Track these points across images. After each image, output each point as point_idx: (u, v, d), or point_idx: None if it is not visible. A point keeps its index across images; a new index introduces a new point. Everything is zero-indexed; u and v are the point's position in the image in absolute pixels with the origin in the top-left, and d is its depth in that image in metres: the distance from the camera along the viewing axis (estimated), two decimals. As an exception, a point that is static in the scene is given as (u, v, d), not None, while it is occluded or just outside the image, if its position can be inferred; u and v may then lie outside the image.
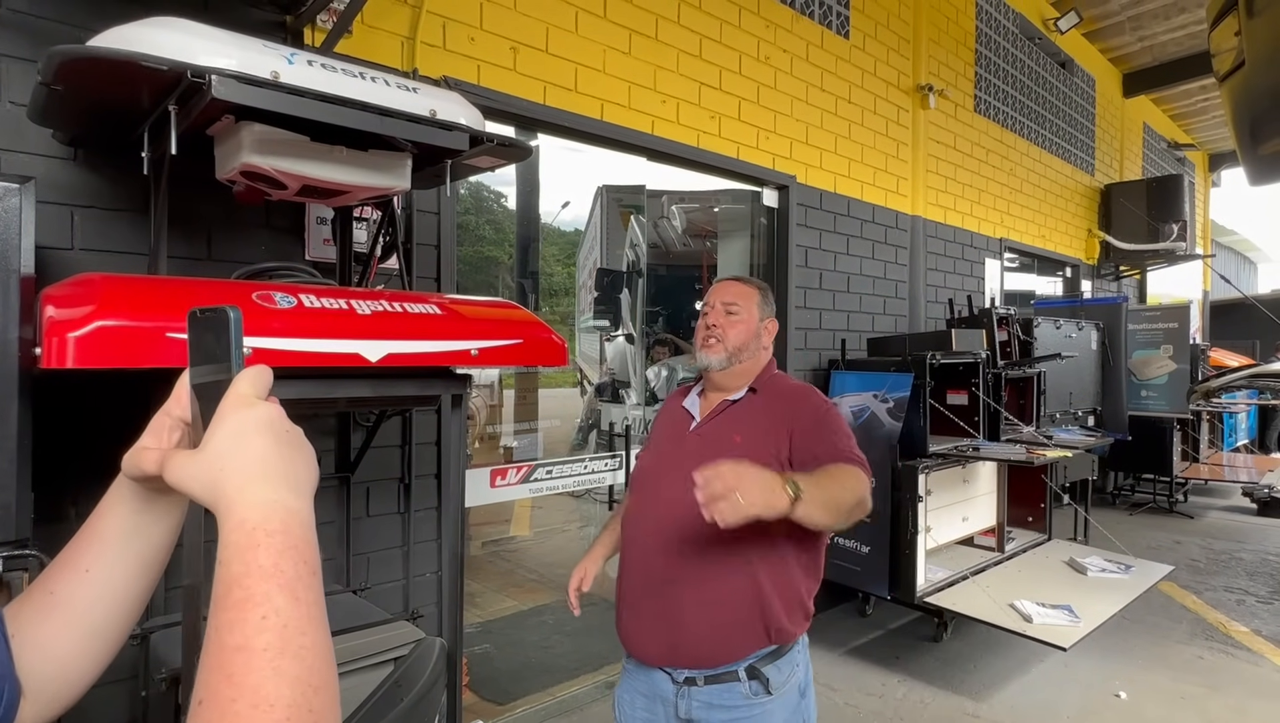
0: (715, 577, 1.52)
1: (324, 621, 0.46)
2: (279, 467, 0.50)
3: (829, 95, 4.33)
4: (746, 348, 1.69)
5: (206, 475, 0.49)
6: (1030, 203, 6.47)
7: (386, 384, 1.58)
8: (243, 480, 0.48)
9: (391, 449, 2.53)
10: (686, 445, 1.65)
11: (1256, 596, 4.78)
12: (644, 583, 1.59)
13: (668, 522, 1.56)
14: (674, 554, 1.54)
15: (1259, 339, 10.01)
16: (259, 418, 0.51)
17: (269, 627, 0.42)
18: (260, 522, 0.46)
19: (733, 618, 1.53)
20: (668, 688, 1.57)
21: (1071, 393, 5.15)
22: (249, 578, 0.44)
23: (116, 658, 1.90)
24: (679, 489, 1.52)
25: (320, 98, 1.46)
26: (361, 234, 2.35)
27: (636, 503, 1.69)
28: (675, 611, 1.54)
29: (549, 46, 2.95)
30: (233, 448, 0.49)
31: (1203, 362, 7.28)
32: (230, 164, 1.58)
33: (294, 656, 0.42)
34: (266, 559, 0.45)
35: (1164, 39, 7.39)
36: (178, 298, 1.37)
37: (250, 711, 0.39)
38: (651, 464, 1.72)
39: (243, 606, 0.43)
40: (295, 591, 0.44)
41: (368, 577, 2.40)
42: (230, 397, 0.52)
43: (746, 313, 1.70)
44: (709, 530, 1.45)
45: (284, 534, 0.46)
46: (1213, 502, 7.62)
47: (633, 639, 1.61)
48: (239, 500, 0.47)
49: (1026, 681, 3.52)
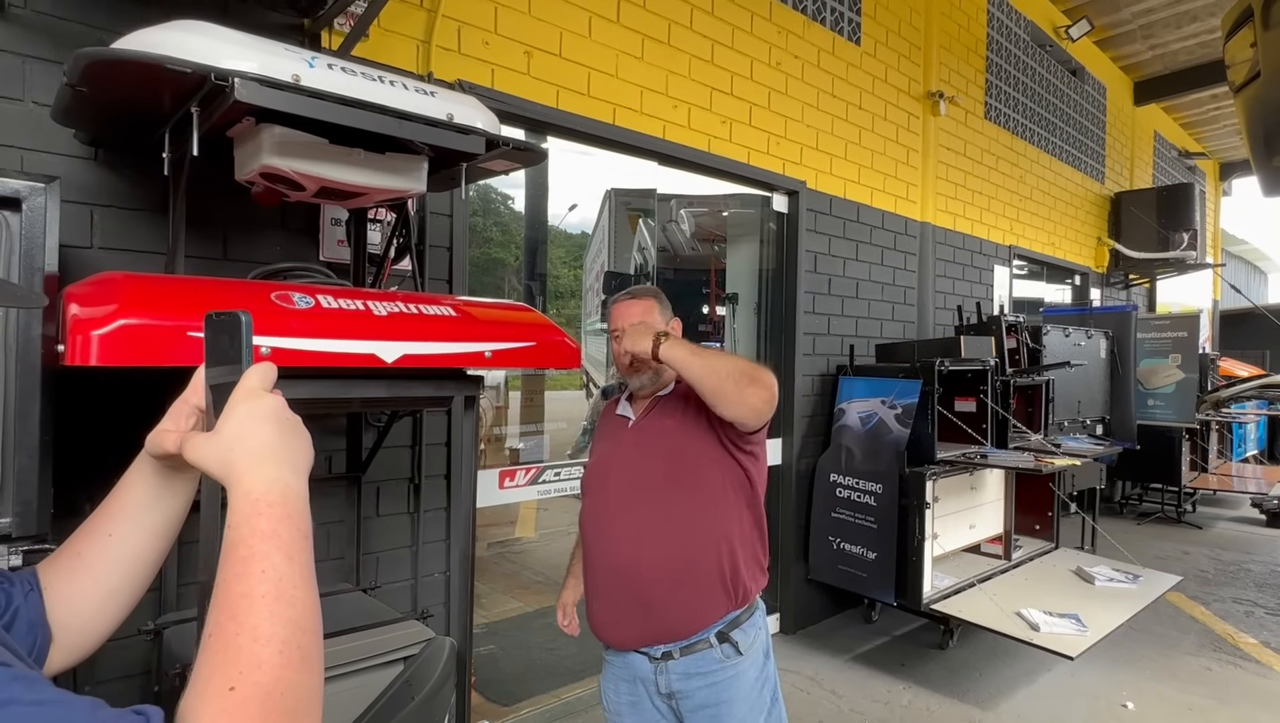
0: (675, 552, 1.63)
1: (312, 578, 0.55)
2: (281, 449, 0.59)
3: (840, 101, 4.34)
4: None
5: (220, 454, 0.58)
6: (1040, 210, 6.46)
7: (401, 385, 1.60)
8: (250, 460, 0.57)
9: (402, 450, 2.54)
10: (625, 442, 1.78)
11: (1266, 607, 4.75)
12: (611, 573, 1.68)
13: (623, 512, 1.69)
14: (634, 540, 1.65)
15: (1269, 349, 9.95)
16: (265, 408, 0.60)
17: (267, 578, 0.52)
18: (263, 494, 0.56)
19: (700, 588, 1.64)
20: (645, 667, 1.68)
21: (1080, 401, 5.14)
22: (253, 539, 0.53)
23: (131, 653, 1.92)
24: (633, 479, 1.71)
25: (340, 101, 1.48)
26: (375, 236, 2.37)
27: (590, 503, 1.79)
28: (644, 591, 1.64)
29: (562, 51, 2.97)
30: (243, 432, 0.58)
31: (1212, 371, 7.24)
32: (250, 166, 1.60)
33: (287, 603, 0.51)
34: (267, 525, 0.54)
35: (1175, 47, 7.37)
36: (197, 297, 1.39)
37: (250, 643, 0.49)
38: (598, 466, 1.82)
39: (247, 561, 0.52)
40: (290, 552, 0.54)
41: (377, 576, 2.41)
42: (241, 389, 0.60)
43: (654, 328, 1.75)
44: (664, 512, 1.65)
45: (283, 505, 0.56)
46: (1221, 512, 7.58)
47: (607, 628, 1.71)
48: (246, 476, 0.57)
49: (1033, 690, 3.51)
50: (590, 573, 1.76)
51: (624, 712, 1.76)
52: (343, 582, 2.29)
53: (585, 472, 1.88)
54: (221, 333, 0.62)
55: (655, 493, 1.67)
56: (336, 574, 2.30)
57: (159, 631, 1.84)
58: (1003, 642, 3.62)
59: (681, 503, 1.65)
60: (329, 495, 2.31)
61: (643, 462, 1.71)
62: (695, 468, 1.67)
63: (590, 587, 1.76)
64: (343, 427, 2.33)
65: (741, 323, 4.45)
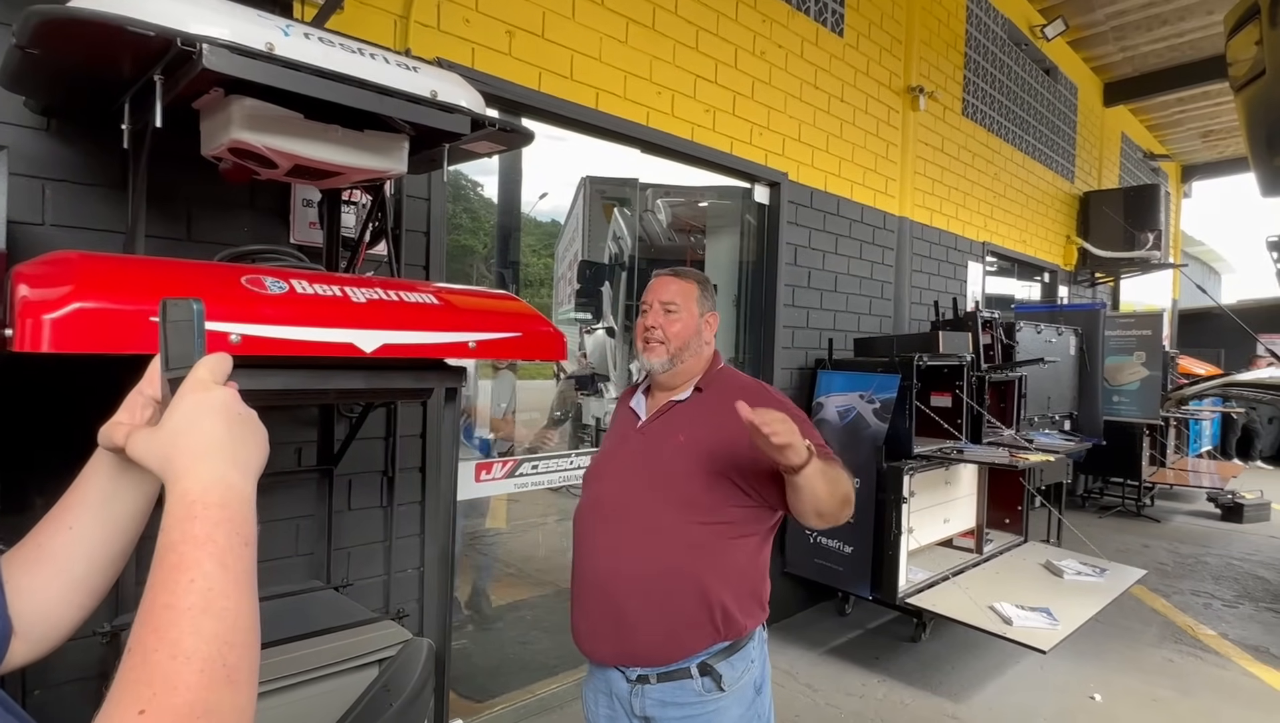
0: (660, 575, 1.50)
1: (251, 588, 0.51)
2: (227, 446, 0.55)
3: (822, 93, 4.30)
4: (688, 346, 1.64)
5: (161, 450, 0.55)
6: (1013, 207, 6.53)
7: (380, 376, 1.52)
8: (191, 457, 0.54)
9: (374, 441, 2.45)
10: (631, 445, 1.66)
11: (1223, 599, 4.89)
12: (591, 583, 1.57)
13: (609, 519, 1.58)
14: (618, 554, 1.53)
15: (1224, 348, 10.27)
16: (213, 401, 0.56)
17: (195, 588, 0.48)
18: (200, 495, 0.52)
19: (680, 616, 1.50)
20: (622, 687, 1.56)
21: (1050, 397, 5.21)
22: (184, 545, 0.49)
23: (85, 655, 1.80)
24: (622, 488, 1.59)
25: (317, 73, 1.38)
26: (349, 218, 2.27)
27: (585, 502, 1.68)
28: (621, 610, 1.51)
29: (545, 32, 2.88)
30: (186, 427, 0.55)
31: (1172, 369, 7.43)
32: (218, 140, 1.49)
33: (215, 616, 0.47)
34: (201, 530, 0.50)
35: (1145, 50, 7.50)
36: (160, 280, 1.29)
37: (168, 661, 0.45)
38: (599, 463, 1.72)
39: (175, 568, 0.48)
40: (225, 559, 0.50)
41: (349, 573, 2.32)
42: (189, 381, 0.57)
43: (686, 311, 1.65)
44: (649, 529, 1.52)
45: (221, 507, 0.52)
46: (1178, 506, 7.79)
47: (585, 640, 1.60)
48: (184, 475, 0.53)
49: (1004, 682, 3.55)
50: (573, 577, 1.65)
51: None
52: (313, 579, 2.20)
53: (588, 469, 1.77)
54: (176, 320, 0.59)
55: (645, 507, 1.54)
56: (306, 571, 2.21)
57: (115, 632, 1.74)
58: (973, 634, 3.66)
59: (665, 528, 1.51)
60: (299, 489, 2.22)
61: (642, 470, 1.58)
62: (687, 495, 1.52)
63: (574, 594, 1.64)
64: (314, 418, 2.23)
65: (720, 315, 4.41)
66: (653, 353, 1.63)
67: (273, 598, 1.98)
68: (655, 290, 1.68)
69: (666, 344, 1.62)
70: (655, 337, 1.62)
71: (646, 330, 1.64)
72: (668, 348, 1.62)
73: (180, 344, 0.59)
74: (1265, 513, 7.18)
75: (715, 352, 1.74)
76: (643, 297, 1.71)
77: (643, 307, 1.69)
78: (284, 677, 1.56)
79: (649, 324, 1.64)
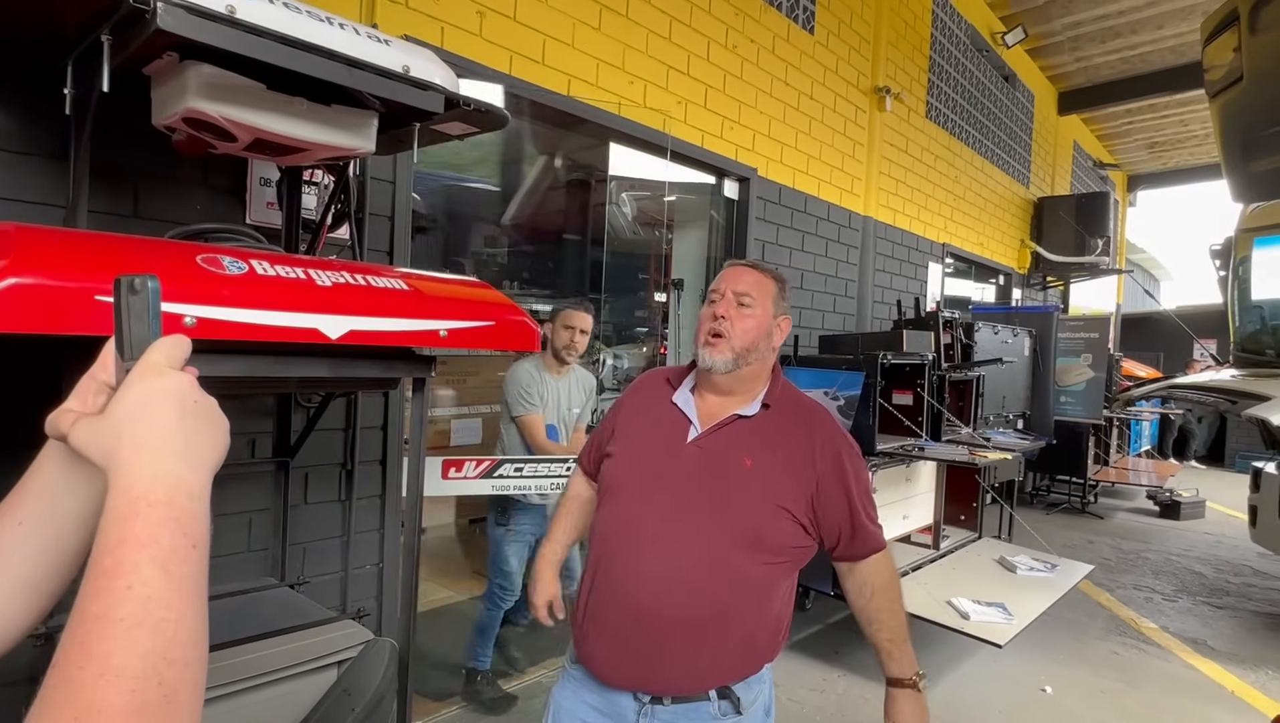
0: (711, 617, 1.36)
1: (198, 595, 0.45)
2: (178, 438, 0.50)
3: (792, 90, 4.31)
4: (756, 349, 1.44)
5: (104, 441, 0.49)
6: (971, 210, 6.66)
7: (345, 364, 1.44)
8: (136, 449, 0.48)
9: (333, 432, 2.36)
10: (684, 459, 1.43)
11: (1163, 593, 5.08)
12: (626, 611, 1.38)
13: (662, 546, 1.37)
14: (669, 588, 1.36)
15: (1163, 351, 10.71)
16: (166, 387, 0.51)
17: (131, 597, 0.42)
18: (143, 492, 0.46)
19: (721, 655, 1.40)
20: (628, 707, 1.42)
21: (1005, 397, 5.33)
22: (121, 548, 0.44)
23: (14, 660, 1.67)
24: (677, 511, 1.39)
25: (282, 40, 1.30)
26: (310, 200, 2.17)
27: (621, 514, 1.45)
28: (659, 647, 1.37)
29: (517, 14, 2.80)
30: (133, 416, 0.50)
31: (1116, 371, 7.71)
32: (171, 109, 1.40)
33: (152, 628, 0.42)
34: (143, 530, 0.45)
35: (1098, 61, 7.73)
36: (107, 256, 1.20)
37: (95, 679, 0.40)
38: (640, 475, 1.47)
39: (110, 574, 0.43)
40: (168, 564, 0.44)
41: (304, 569, 2.23)
42: (140, 365, 0.52)
43: (761, 307, 1.45)
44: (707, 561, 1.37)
45: (167, 506, 0.46)
46: (1120, 503, 8.08)
47: (604, 665, 1.43)
48: (127, 470, 0.47)
49: (959, 676, 3.62)
50: (601, 599, 1.42)
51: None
52: (266, 576, 2.10)
53: (615, 469, 1.50)
54: (131, 300, 0.54)
55: (705, 538, 1.37)
56: (260, 568, 2.11)
57: (49, 634, 1.62)
58: (929, 628, 3.71)
59: (726, 564, 1.36)
60: (252, 482, 2.12)
61: (701, 494, 1.39)
62: (754, 531, 1.37)
63: (594, 612, 1.43)
64: (270, 408, 2.13)
65: (687, 309, 4.39)
66: (716, 349, 1.43)
67: (223, 597, 1.88)
68: (729, 278, 1.49)
69: (732, 340, 1.42)
70: (723, 329, 1.43)
71: (716, 321, 1.44)
72: (733, 346, 1.42)
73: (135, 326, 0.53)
74: (1200, 511, 7.50)
75: (778, 361, 1.57)
76: (712, 285, 1.52)
77: (711, 295, 1.50)
78: (235, 681, 1.47)
79: (719, 313, 1.44)
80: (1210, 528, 7.10)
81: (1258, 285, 4.72)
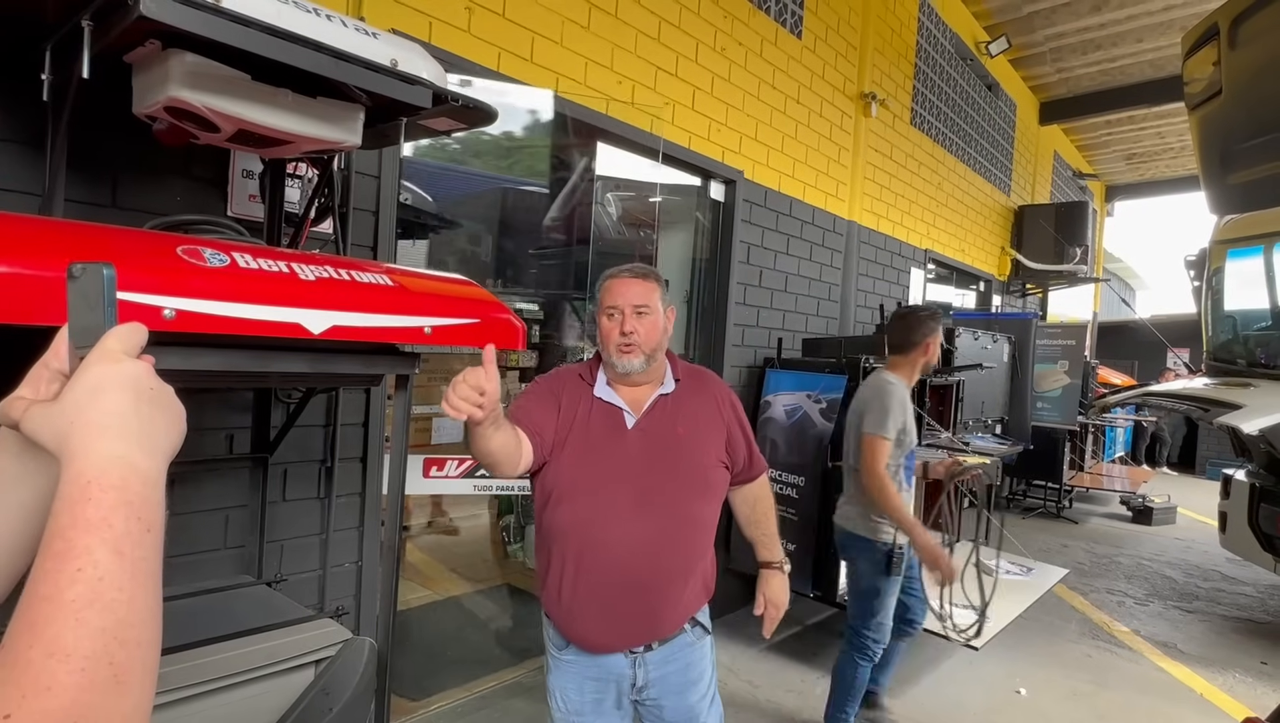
0: (683, 562, 1.67)
1: (152, 578, 0.46)
2: (132, 424, 0.50)
3: (779, 94, 4.33)
4: (662, 344, 1.71)
5: (57, 427, 0.49)
6: (954, 217, 6.73)
7: (327, 360, 1.43)
8: (89, 435, 0.48)
9: (313, 429, 2.33)
10: (629, 445, 1.66)
11: (1134, 597, 5.16)
12: (618, 584, 1.61)
13: (636, 520, 1.61)
14: (651, 552, 1.62)
15: (1138, 359, 10.89)
16: (120, 374, 0.51)
17: (82, 579, 0.42)
18: (96, 476, 0.46)
19: (694, 589, 1.71)
20: (622, 665, 1.66)
21: (984, 402, 5.39)
22: (73, 531, 0.44)
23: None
24: (641, 489, 1.63)
25: (268, 31, 1.28)
26: (293, 193, 2.14)
27: (589, 506, 1.62)
28: (654, 600, 1.63)
29: (506, 11, 2.79)
30: (87, 402, 0.49)
31: (1092, 378, 7.83)
32: (152, 98, 1.37)
33: (103, 608, 0.42)
34: (95, 513, 0.45)
35: (1079, 73, 7.84)
36: (79, 244, 1.18)
37: (44, 658, 0.40)
38: (597, 464, 1.64)
39: (61, 556, 0.43)
40: (121, 546, 0.44)
41: (282, 567, 2.20)
42: (95, 351, 0.51)
43: (654, 309, 1.67)
44: (676, 524, 1.66)
45: (119, 490, 0.46)
46: (1094, 509, 8.20)
47: (602, 636, 1.64)
48: (80, 454, 0.47)
49: (935, 677, 3.65)
50: (587, 581, 1.61)
51: (586, 711, 1.69)
52: (243, 574, 2.07)
53: (567, 467, 1.65)
54: (85, 287, 0.53)
55: (673, 500, 1.65)
56: (236, 566, 2.08)
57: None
58: (909, 631, 3.75)
59: (691, 515, 1.68)
60: (229, 478, 2.08)
61: (655, 469, 1.65)
62: (704, 481, 1.70)
63: (585, 594, 1.61)
64: (249, 403, 2.10)
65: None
66: (630, 355, 1.64)
67: (198, 594, 1.85)
68: (622, 293, 1.66)
69: (641, 346, 1.64)
70: (635, 339, 1.63)
71: (624, 335, 1.63)
72: (643, 349, 1.64)
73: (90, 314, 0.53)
74: (1172, 516, 7.63)
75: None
76: (604, 298, 1.69)
77: (608, 309, 1.67)
78: (210, 680, 1.45)
79: (626, 328, 1.63)
80: (1181, 533, 7.23)
81: (1231, 296, 4.82)
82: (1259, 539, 4.35)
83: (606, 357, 1.68)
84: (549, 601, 1.67)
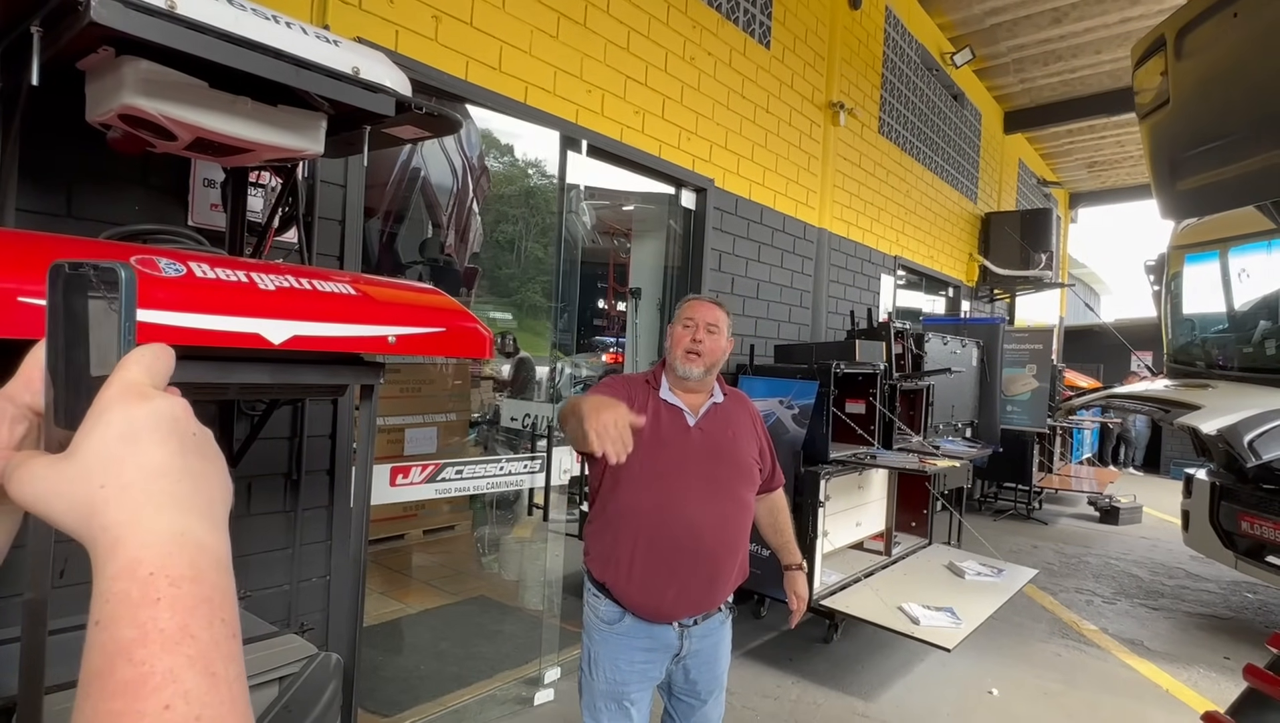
0: (739, 543, 1.93)
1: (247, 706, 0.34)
2: (186, 486, 0.37)
3: (749, 103, 4.37)
4: (719, 363, 1.98)
5: (79, 494, 0.36)
6: (922, 224, 6.84)
7: (289, 370, 1.41)
8: (135, 505, 0.35)
9: (278, 441, 2.29)
10: (693, 440, 1.92)
11: (1102, 596, 5.25)
12: (690, 554, 1.84)
13: (708, 502, 1.86)
14: (719, 528, 1.87)
15: (1104, 363, 11.12)
16: (156, 416, 0.37)
17: (174, 716, 0.30)
18: (160, 565, 0.34)
19: (741, 566, 1.97)
20: (672, 635, 1.89)
21: (953, 406, 5.47)
22: (145, 648, 0.31)
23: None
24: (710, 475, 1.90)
25: (225, 37, 1.27)
26: (256, 202, 2.12)
27: (665, 488, 1.86)
28: (718, 571, 1.88)
29: (473, 20, 2.79)
30: (119, 457, 0.36)
31: (1059, 381, 7.99)
32: (106, 105, 1.35)
33: None
34: (170, 620, 0.32)
35: (1041, 83, 8.03)
36: (31, 254, 1.15)
37: None
38: (667, 455, 1.88)
39: (136, 689, 0.31)
40: (212, 664, 0.32)
41: (247, 583, 2.15)
42: (115, 385, 0.38)
43: (723, 334, 1.97)
44: (735, 506, 1.94)
45: (194, 582, 0.34)
46: (1063, 509, 8.35)
47: (664, 604, 1.85)
48: (129, 533, 0.34)
49: (909, 680, 3.68)
50: (658, 553, 1.84)
51: (631, 682, 1.89)
52: (205, 590, 2.03)
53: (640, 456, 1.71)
54: (77, 295, 0.39)
55: (732, 487, 1.92)
56: (198, 582, 2.03)
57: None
58: (882, 634, 3.77)
59: (745, 501, 1.96)
60: (191, 493, 2.04)
61: (718, 461, 1.92)
62: (751, 474, 1.99)
63: (654, 565, 1.83)
64: (211, 416, 2.06)
65: (644, 318, 4.41)
66: (694, 363, 1.91)
67: (158, 612, 1.80)
68: (702, 311, 1.96)
69: (705, 358, 1.91)
70: (700, 349, 1.91)
71: (694, 342, 1.91)
72: (705, 362, 1.91)
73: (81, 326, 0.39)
74: (1138, 516, 7.79)
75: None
76: (685, 311, 1.98)
77: (685, 320, 1.95)
78: (170, 700, 1.41)
79: (697, 338, 1.91)
80: (1147, 532, 7.39)
81: (1189, 300, 4.96)
82: (1220, 537, 4.46)
83: (671, 361, 1.94)
84: (617, 574, 1.86)
